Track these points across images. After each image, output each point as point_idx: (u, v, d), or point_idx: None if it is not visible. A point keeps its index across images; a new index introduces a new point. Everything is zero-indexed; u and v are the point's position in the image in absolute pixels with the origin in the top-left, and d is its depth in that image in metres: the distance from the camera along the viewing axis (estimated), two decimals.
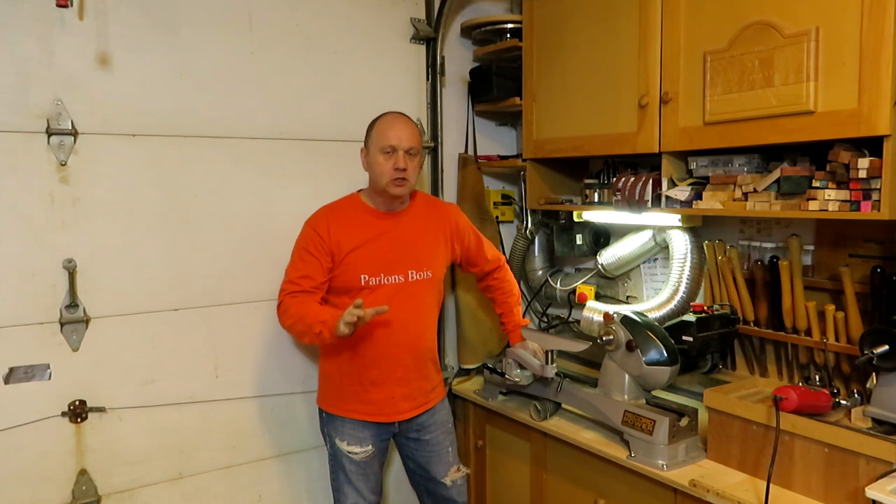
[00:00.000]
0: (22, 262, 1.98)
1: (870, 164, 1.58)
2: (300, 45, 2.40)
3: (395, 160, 2.04)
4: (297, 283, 2.08)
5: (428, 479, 2.30)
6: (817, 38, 1.64)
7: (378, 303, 1.99)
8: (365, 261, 2.09)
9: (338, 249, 2.08)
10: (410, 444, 2.27)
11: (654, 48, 2.05)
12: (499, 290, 2.43)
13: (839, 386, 1.94)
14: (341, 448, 2.16)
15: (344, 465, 2.17)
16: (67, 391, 2.07)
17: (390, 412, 2.16)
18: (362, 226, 2.12)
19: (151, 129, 2.15)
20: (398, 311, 2.07)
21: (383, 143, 2.06)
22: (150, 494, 2.22)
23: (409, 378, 2.16)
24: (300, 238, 2.15)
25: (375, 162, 2.08)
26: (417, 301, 2.17)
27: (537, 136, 2.51)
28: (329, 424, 2.20)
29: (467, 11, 2.80)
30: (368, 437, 2.16)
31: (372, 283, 2.10)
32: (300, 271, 2.09)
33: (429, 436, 2.25)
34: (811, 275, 2.03)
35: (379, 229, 2.13)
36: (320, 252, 2.08)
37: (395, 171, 2.04)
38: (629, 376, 2.07)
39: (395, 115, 2.14)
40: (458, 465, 2.31)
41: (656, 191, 2.13)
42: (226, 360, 2.33)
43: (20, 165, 1.96)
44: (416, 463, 2.29)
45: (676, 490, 1.83)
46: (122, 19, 2.07)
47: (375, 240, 2.12)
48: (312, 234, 2.10)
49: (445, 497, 2.30)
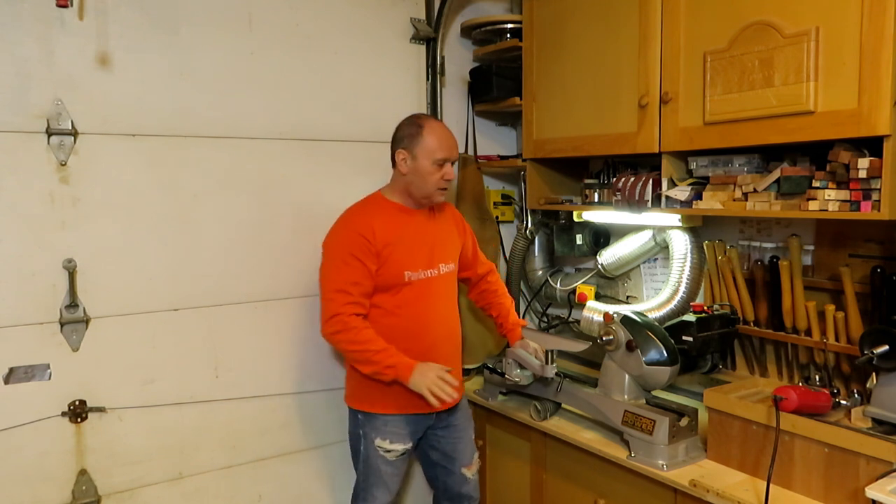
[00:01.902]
0: (22, 262, 1.98)
1: (870, 164, 1.58)
2: (300, 45, 2.40)
3: (445, 171, 2.11)
4: (347, 291, 2.04)
5: (449, 473, 2.32)
6: (817, 38, 1.64)
7: (418, 297, 2.13)
8: (407, 257, 2.12)
9: (384, 248, 2.09)
10: (439, 433, 2.29)
11: (654, 48, 2.05)
12: (492, 294, 2.43)
13: (839, 386, 1.94)
14: (380, 447, 2.16)
15: (378, 466, 2.17)
16: (67, 391, 2.07)
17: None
18: (397, 223, 2.15)
19: (151, 129, 2.15)
20: (436, 303, 2.17)
21: (437, 156, 2.08)
22: (150, 494, 2.22)
23: (449, 366, 2.18)
24: (340, 242, 2.11)
25: (425, 171, 2.09)
26: (448, 292, 2.25)
27: (537, 136, 2.51)
28: (367, 424, 2.18)
29: (467, 11, 2.80)
30: (408, 434, 2.19)
31: (413, 279, 2.13)
32: (348, 279, 2.05)
33: (457, 422, 2.30)
34: (811, 275, 2.03)
35: (410, 225, 2.17)
36: (367, 256, 2.06)
37: (444, 181, 2.12)
38: (629, 376, 2.07)
39: (440, 125, 2.17)
40: (477, 453, 2.38)
41: (656, 191, 2.13)
42: (226, 360, 2.33)
43: (20, 165, 1.96)
44: (442, 452, 2.30)
45: (676, 490, 1.83)
46: (122, 19, 2.07)
47: (410, 236, 2.15)
48: (358, 238, 2.06)
49: (461, 493, 2.33)
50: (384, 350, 2.03)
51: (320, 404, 2.52)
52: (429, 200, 2.16)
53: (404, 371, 2.01)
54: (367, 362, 2.05)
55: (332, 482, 2.58)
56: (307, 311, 2.47)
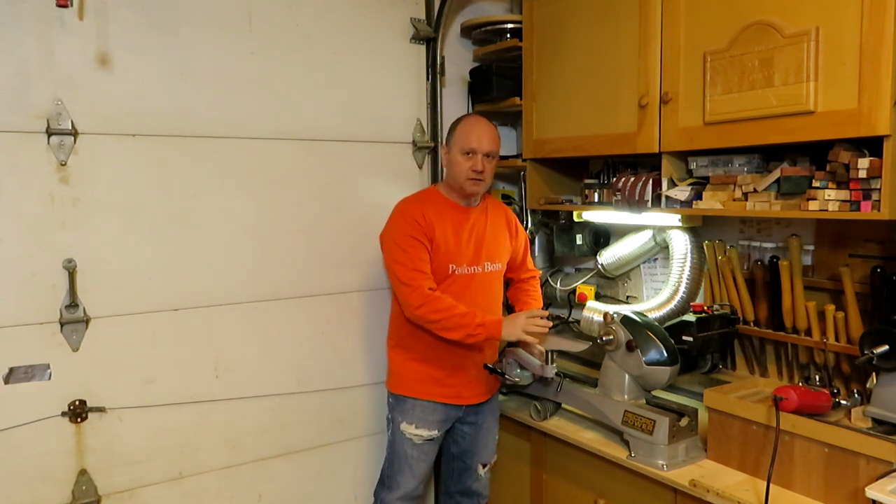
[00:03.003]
0: (22, 262, 1.98)
1: (870, 164, 1.58)
2: (300, 45, 2.40)
3: (473, 162, 2.13)
4: (421, 269, 2.10)
5: (465, 467, 2.35)
6: (817, 38, 1.64)
7: (462, 291, 2.15)
8: (453, 250, 2.17)
9: (433, 235, 2.14)
10: (465, 429, 2.32)
11: (654, 48, 2.05)
12: (524, 293, 2.45)
13: (839, 386, 1.94)
14: (406, 431, 2.21)
15: (406, 450, 2.22)
16: (67, 391, 2.07)
17: (468, 395, 2.25)
18: (447, 217, 2.19)
19: (151, 129, 2.15)
20: (476, 299, 2.18)
21: (464, 145, 2.14)
22: (150, 494, 2.22)
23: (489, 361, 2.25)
24: (397, 228, 2.15)
25: (456, 161, 2.16)
26: (491, 290, 2.27)
27: (537, 136, 2.51)
28: (396, 408, 2.25)
29: (467, 11, 2.80)
30: (436, 422, 2.22)
31: (458, 272, 2.17)
32: (416, 257, 2.10)
33: (482, 420, 2.32)
34: (811, 275, 2.03)
35: (461, 221, 2.21)
36: (423, 236, 2.12)
37: (473, 172, 2.14)
38: (629, 376, 2.07)
39: (477, 118, 2.22)
40: (496, 453, 2.40)
41: (656, 191, 2.13)
42: (226, 360, 2.33)
43: (20, 165, 1.96)
44: (463, 448, 2.34)
45: (676, 490, 1.83)
46: (122, 19, 2.07)
47: (459, 231, 2.19)
48: (411, 221, 2.13)
49: (472, 489, 2.37)
50: (469, 312, 2.05)
51: (321, 404, 2.52)
52: (463, 192, 2.19)
53: (494, 327, 2.04)
54: (456, 327, 2.05)
55: (332, 482, 2.58)
56: (307, 311, 2.47)
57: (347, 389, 2.56)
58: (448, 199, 2.23)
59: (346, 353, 2.54)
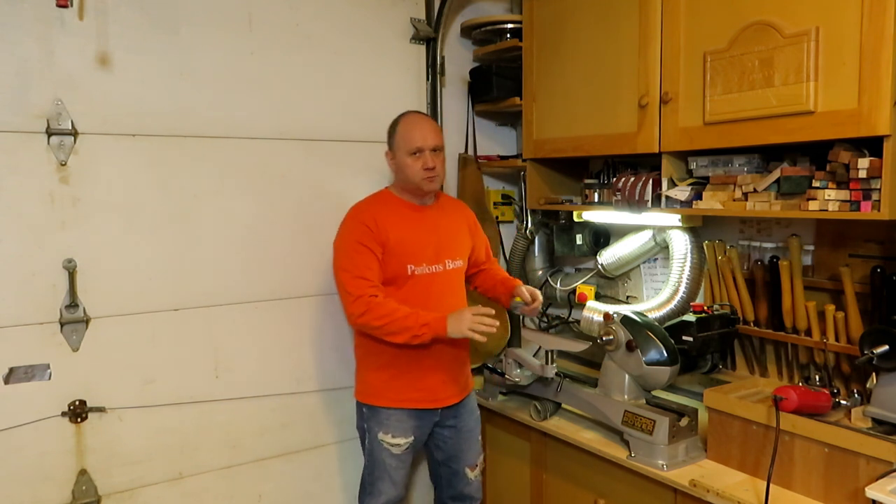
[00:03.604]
0: (22, 262, 1.98)
1: (870, 164, 1.58)
2: (300, 45, 2.40)
3: (423, 160, 2.11)
4: (365, 276, 2.07)
5: (453, 472, 2.33)
6: (817, 38, 1.64)
7: (423, 291, 2.13)
8: (410, 251, 2.14)
9: (386, 239, 2.11)
10: (445, 433, 2.30)
11: (654, 48, 2.05)
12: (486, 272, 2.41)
13: (839, 386, 1.94)
14: (383, 441, 2.18)
15: (383, 459, 2.20)
16: (67, 391, 2.07)
17: (443, 396, 2.22)
18: (402, 218, 2.17)
19: (151, 129, 2.15)
20: (441, 299, 2.16)
21: (410, 146, 2.11)
22: (150, 494, 2.22)
23: (454, 363, 2.23)
24: (347, 233, 2.14)
25: (405, 164, 2.13)
26: (455, 288, 2.25)
27: (537, 136, 2.51)
28: (371, 419, 2.21)
29: (467, 11, 2.80)
30: (411, 428, 2.20)
31: (417, 273, 2.15)
32: (361, 264, 2.08)
33: (462, 423, 2.30)
34: (811, 275, 2.03)
35: (416, 221, 2.19)
36: (373, 242, 2.09)
37: (425, 170, 2.11)
38: (629, 376, 2.07)
39: (417, 116, 2.19)
40: (482, 454, 2.38)
41: (656, 191, 2.13)
42: (226, 360, 2.33)
43: (20, 165, 1.96)
44: (447, 453, 2.32)
45: (676, 490, 1.83)
46: (122, 19, 2.07)
47: (415, 231, 2.17)
48: (361, 226, 2.11)
49: (464, 493, 2.34)
50: (412, 313, 2.03)
51: (320, 404, 2.52)
52: (420, 191, 2.16)
53: (439, 325, 2.00)
54: (400, 330, 2.03)
55: (332, 482, 2.58)
56: (307, 311, 2.47)
57: (347, 389, 2.55)
58: (402, 200, 2.20)
59: (345, 353, 2.53)
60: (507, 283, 2.33)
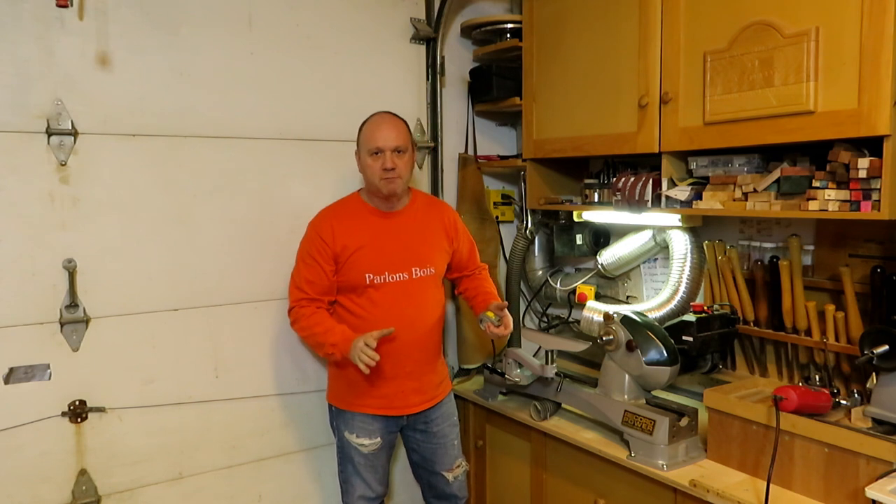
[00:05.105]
0: (22, 262, 1.98)
1: (870, 164, 1.58)
2: (300, 45, 2.40)
3: (382, 161, 2.09)
4: (303, 289, 2.13)
5: (431, 473, 2.32)
6: (817, 38, 1.64)
7: (384, 300, 2.13)
8: (369, 260, 2.12)
9: (342, 250, 2.11)
10: (417, 437, 2.29)
11: (654, 48, 2.05)
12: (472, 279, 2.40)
13: (839, 386, 1.94)
14: (350, 440, 2.19)
15: (353, 457, 2.20)
16: (67, 391, 2.07)
17: (400, 405, 2.20)
18: (365, 225, 2.15)
19: (151, 129, 2.15)
20: (405, 308, 2.14)
21: (370, 146, 2.11)
22: (150, 494, 2.22)
23: (418, 372, 2.20)
24: (304, 241, 2.18)
25: (366, 164, 2.13)
26: (422, 297, 2.20)
27: (537, 136, 2.51)
28: (338, 418, 2.24)
29: (467, 11, 2.80)
30: (377, 430, 2.20)
31: (377, 282, 2.13)
32: (304, 277, 2.14)
33: (436, 428, 2.28)
34: (811, 275, 2.03)
35: (381, 228, 2.17)
36: (323, 256, 2.11)
37: (384, 171, 2.09)
38: (629, 376, 2.07)
39: (381, 117, 2.16)
40: (461, 458, 2.35)
41: (656, 191, 2.12)
42: (226, 360, 2.33)
43: (20, 165, 1.96)
44: (422, 456, 2.31)
45: (676, 490, 1.84)
46: (122, 19, 2.07)
47: (379, 239, 2.15)
48: (316, 239, 2.13)
49: (446, 493, 2.34)
50: (329, 330, 2.05)
51: (320, 405, 2.51)
52: (380, 193, 2.14)
53: (344, 346, 2.00)
54: (316, 346, 2.11)
55: (331, 482, 2.56)
56: None
57: None
58: (368, 206, 2.18)
59: None
60: (489, 299, 2.29)
